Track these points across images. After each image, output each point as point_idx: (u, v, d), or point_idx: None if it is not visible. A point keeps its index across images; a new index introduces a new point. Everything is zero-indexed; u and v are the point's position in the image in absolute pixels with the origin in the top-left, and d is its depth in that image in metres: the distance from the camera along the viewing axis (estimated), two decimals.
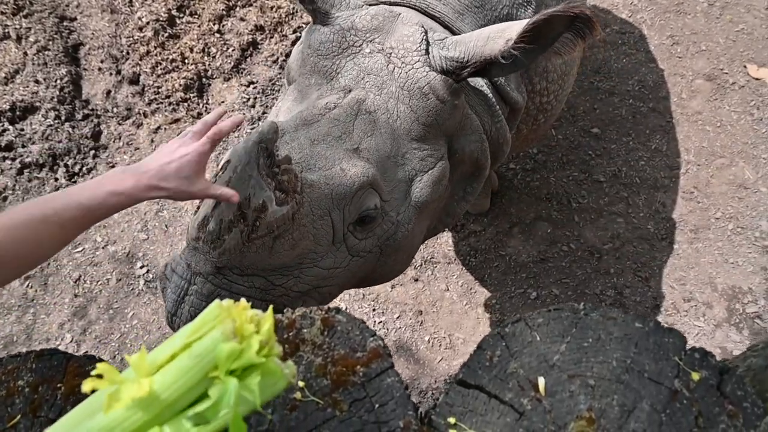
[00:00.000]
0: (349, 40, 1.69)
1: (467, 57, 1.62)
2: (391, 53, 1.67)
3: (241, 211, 1.37)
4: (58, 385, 1.08)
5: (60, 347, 3.12)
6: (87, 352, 3.12)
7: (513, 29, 1.54)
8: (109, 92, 3.74)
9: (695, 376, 0.84)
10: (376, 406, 0.86)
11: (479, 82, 1.90)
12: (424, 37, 1.70)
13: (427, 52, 1.68)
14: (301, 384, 0.88)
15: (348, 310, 3.17)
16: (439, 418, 0.87)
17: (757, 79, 3.68)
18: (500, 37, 1.56)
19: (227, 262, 1.43)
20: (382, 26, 1.70)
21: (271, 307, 0.80)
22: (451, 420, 0.86)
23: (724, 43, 3.85)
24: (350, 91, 1.66)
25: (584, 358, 0.88)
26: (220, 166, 1.45)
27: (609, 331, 0.90)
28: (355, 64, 1.67)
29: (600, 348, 0.88)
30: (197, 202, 3.64)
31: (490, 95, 1.93)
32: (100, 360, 1.12)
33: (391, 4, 1.93)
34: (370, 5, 1.95)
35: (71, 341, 3.13)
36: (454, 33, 1.91)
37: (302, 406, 0.87)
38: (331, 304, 1.38)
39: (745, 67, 3.74)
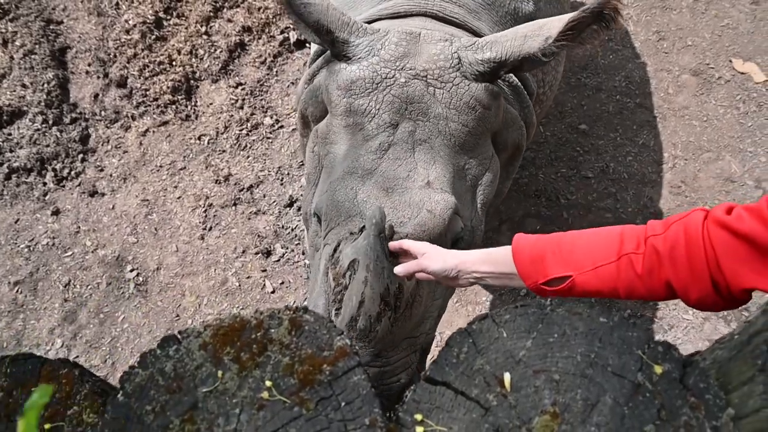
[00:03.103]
0: (381, 74, 1.66)
1: (505, 56, 1.63)
2: (426, 76, 1.65)
3: (384, 301, 1.41)
4: (32, 389, 1.08)
5: (50, 353, 3.12)
6: (77, 357, 3.12)
7: (551, 27, 1.55)
8: (96, 95, 3.73)
9: (658, 369, 0.84)
10: (342, 404, 0.86)
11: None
12: (453, 51, 1.69)
13: (459, 63, 1.67)
14: (268, 383, 0.89)
15: None
16: (406, 414, 0.87)
17: (742, 73, 3.70)
18: (538, 35, 1.56)
19: (382, 347, 1.49)
20: (408, 51, 1.67)
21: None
22: (418, 417, 0.87)
23: (709, 38, 3.86)
24: (397, 125, 1.65)
25: (549, 353, 0.88)
26: (342, 267, 1.46)
27: (574, 326, 0.90)
28: (395, 96, 1.65)
29: (565, 343, 0.89)
30: (187, 205, 3.59)
31: (519, 84, 1.99)
32: (75, 364, 1.12)
33: (405, 15, 1.95)
34: (382, 19, 1.96)
35: (62, 346, 3.13)
36: (473, 33, 1.95)
37: (269, 405, 0.87)
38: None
39: (730, 61, 3.75)
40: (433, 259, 1.39)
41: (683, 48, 3.86)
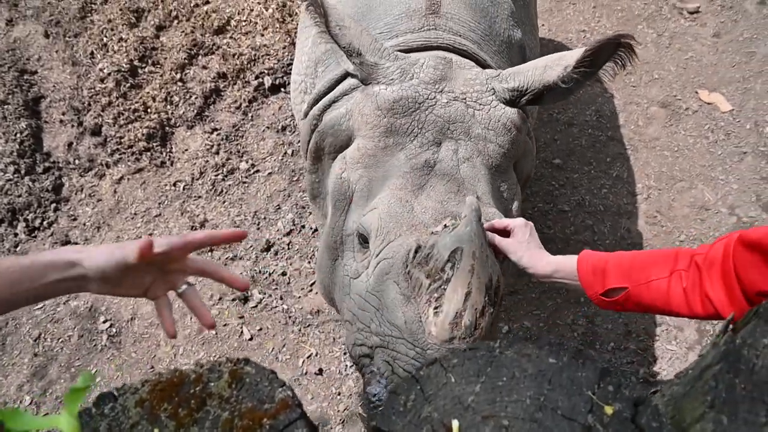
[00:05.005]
0: (422, 95, 1.72)
1: (526, 85, 1.71)
2: (465, 98, 1.73)
3: (487, 293, 1.37)
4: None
5: None
6: (47, 413, 3.01)
7: (569, 57, 1.64)
8: (70, 144, 3.72)
9: (608, 409, 0.81)
10: None
11: None
12: (486, 77, 1.77)
13: (494, 89, 1.76)
14: None
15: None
16: None
17: (709, 103, 3.78)
18: (558, 64, 1.65)
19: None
20: (445, 75, 1.75)
21: None
22: None
23: (675, 70, 3.95)
24: (440, 143, 1.71)
25: (498, 397, 0.85)
26: (441, 259, 1.38)
27: (523, 368, 0.87)
28: (437, 116, 1.71)
29: (514, 386, 0.86)
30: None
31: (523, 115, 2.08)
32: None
33: (423, 48, 2.00)
34: (402, 51, 1.99)
35: (30, 403, 3.02)
36: (480, 64, 2.02)
37: None
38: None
39: (696, 92, 3.84)
40: (519, 249, 1.49)
41: (650, 81, 3.95)
